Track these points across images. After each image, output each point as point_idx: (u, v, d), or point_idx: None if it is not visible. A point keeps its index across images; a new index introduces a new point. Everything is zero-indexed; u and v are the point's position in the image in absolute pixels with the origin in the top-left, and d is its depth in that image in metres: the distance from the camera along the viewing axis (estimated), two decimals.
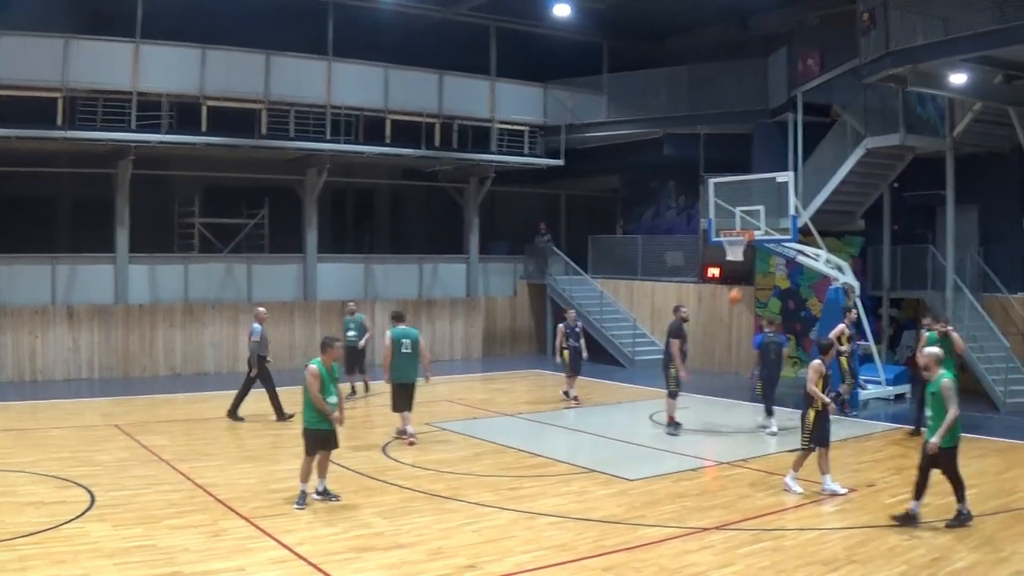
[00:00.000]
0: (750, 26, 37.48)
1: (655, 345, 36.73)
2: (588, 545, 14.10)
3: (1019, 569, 13.04)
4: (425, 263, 39.85)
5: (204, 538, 13.98)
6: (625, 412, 27.26)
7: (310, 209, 36.07)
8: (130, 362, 32.43)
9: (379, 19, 35.29)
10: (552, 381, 32.23)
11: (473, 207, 40.38)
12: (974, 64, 24.78)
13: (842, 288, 28.36)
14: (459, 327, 39.73)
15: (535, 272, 41.92)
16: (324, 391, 16.12)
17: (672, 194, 42.20)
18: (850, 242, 33.10)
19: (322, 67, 34.31)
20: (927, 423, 15.22)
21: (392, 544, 13.97)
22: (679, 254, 39.52)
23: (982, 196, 31.09)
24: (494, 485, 17.86)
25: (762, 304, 34.11)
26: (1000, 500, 16.91)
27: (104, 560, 12.87)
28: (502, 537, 14.45)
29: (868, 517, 15.53)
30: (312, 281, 36.27)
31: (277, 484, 17.27)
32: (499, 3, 36.07)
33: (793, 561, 13.45)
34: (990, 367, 27.96)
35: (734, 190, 30.13)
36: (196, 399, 27.91)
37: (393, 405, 22.11)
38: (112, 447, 20.69)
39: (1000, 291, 29.88)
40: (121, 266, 32.53)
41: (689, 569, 13.10)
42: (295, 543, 13.81)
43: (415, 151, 36.50)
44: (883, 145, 30.14)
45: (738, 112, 36.48)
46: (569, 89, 40.35)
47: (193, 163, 34.82)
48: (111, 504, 15.75)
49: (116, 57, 30.65)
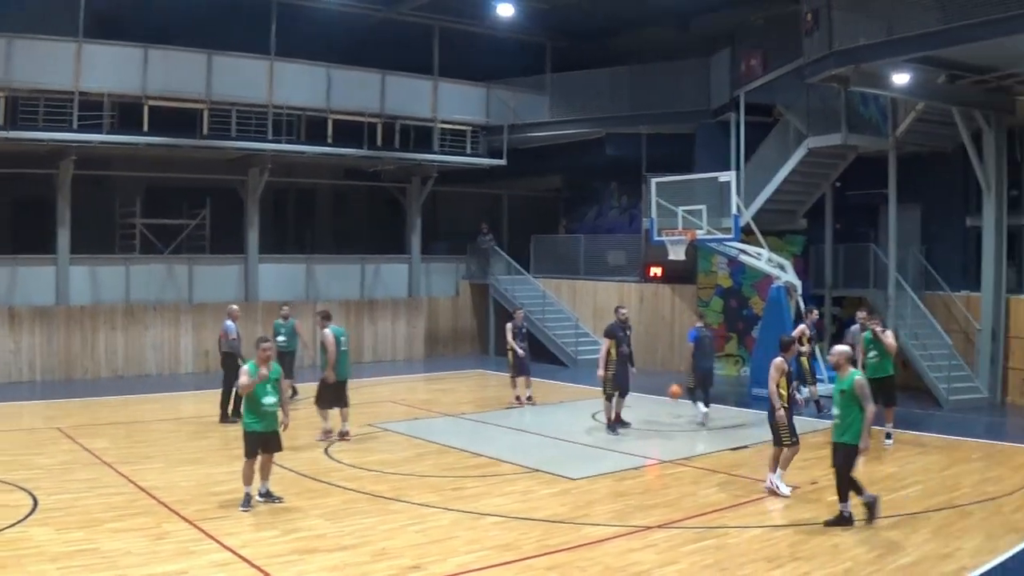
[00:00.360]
0: (693, 27, 37.50)
1: (598, 344, 36.67)
2: (532, 545, 14.08)
3: (964, 565, 13.11)
4: (367, 263, 39.78)
5: (147, 541, 13.85)
6: (567, 411, 27.23)
7: (252, 209, 35.94)
8: (72, 364, 32.17)
9: (322, 19, 35.12)
10: (495, 381, 32.27)
11: (415, 207, 40.31)
12: (917, 64, 24.95)
13: (784, 287, 28.50)
14: (401, 327, 39.66)
15: (477, 272, 41.88)
16: (258, 392, 15.97)
17: (614, 194, 42.28)
18: (792, 241, 33.27)
19: (264, 67, 34.15)
20: (834, 421, 15.23)
21: (336, 546, 13.90)
22: (621, 254, 39.59)
23: (924, 195, 31.33)
24: (437, 486, 17.80)
25: (704, 303, 34.23)
26: (944, 496, 17.01)
27: (47, 564, 12.74)
28: (446, 537, 14.39)
29: (811, 514, 15.56)
30: (253, 282, 36.12)
31: (219, 486, 17.16)
32: (442, 3, 36.03)
33: (737, 559, 13.48)
34: (933, 364, 28.18)
35: (676, 190, 30.26)
36: (138, 401, 27.75)
37: (329, 403, 22.13)
38: (54, 450, 20.52)
39: (942, 289, 30.10)
40: (62, 267, 32.28)
41: (633, 568, 13.08)
42: (238, 545, 13.72)
43: (357, 151, 36.39)
44: (825, 145, 30.36)
45: (680, 112, 36.59)
46: (512, 89, 40.37)
47: (134, 163, 34.55)
48: (54, 508, 15.60)
49: (58, 56, 30.34)
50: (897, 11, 23.72)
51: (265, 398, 16.04)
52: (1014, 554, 13.70)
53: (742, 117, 32.40)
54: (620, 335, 23.10)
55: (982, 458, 20.81)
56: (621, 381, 23.09)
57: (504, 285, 40.60)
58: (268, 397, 16.08)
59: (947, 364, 28.00)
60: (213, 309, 34.18)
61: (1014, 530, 14.83)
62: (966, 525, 15.15)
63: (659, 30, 38.50)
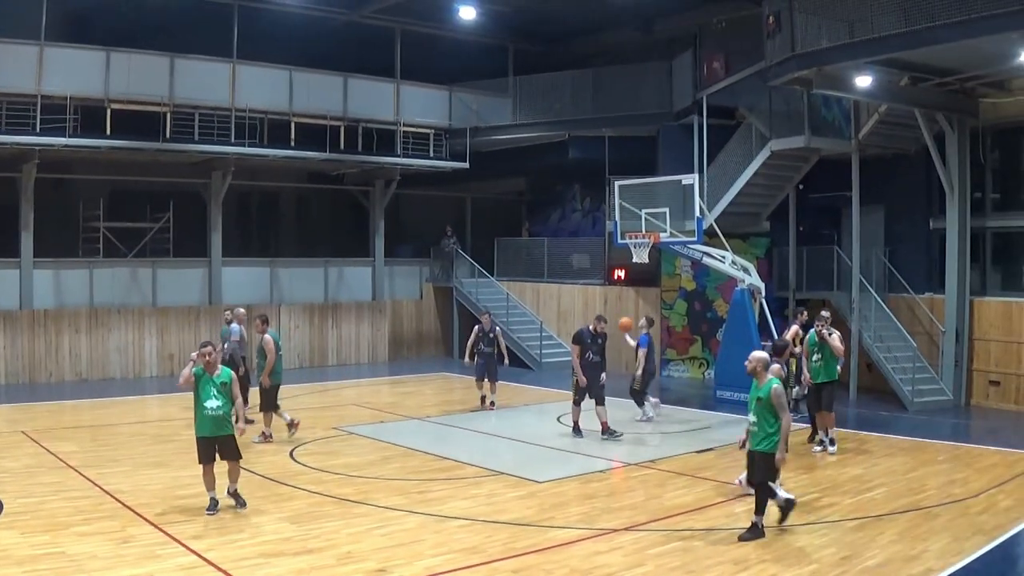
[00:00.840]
0: (655, 29, 37.65)
1: (562, 347, 36.88)
2: (498, 547, 14.08)
3: (930, 567, 13.16)
4: (331, 266, 39.74)
5: (113, 545, 13.79)
6: (532, 414, 27.27)
7: (215, 212, 35.83)
8: (36, 368, 32.00)
9: (284, 21, 35.02)
10: (460, 384, 32.27)
11: (379, 210, 40.27)
12: (879, 67, 25.10)
13: (748, 289, 28.59)
14: (365, 330, 39.57)
15: (441, 275, 41.88)
16: (203, 395, 15.88)
17: (577, 196, 42.27)
18: (756, 243, 33.38)
19: (227, 69, 34.05)
20: (751, 428, 15.12)
21: (302, 549, 13.87)
22: (585, 256, 39.66)
23: (888, 197, 31.44)
24: (403, 489, 17.78)
25: (668, 305, 34.32)
26: (909, 499, 17.10)
27: (13, 568, 12.68)
28: (412, 541, 14.37)
29: (778, 516, 15.59)
30: (217, 285, 36.01)
31: (184, 490, 17.04)
32: (404, 6, 35.97)
33: (703, 561, 13.51)
34: (897, 367, 28.34)
35: (639, 192, 30.37)
36: (102, 404, 27.64)
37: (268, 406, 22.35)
38: (19, 454, 20.39)
39: (906, 291, 30.22)
40: (26, 271, 32.12)
41: (600, 570, 13.10)
42: (204, 549, 13.66)
43: (320, 154, 36.27)
44: (788, 147, 30.49)
45: (643, 115, 36.67)
46: (474, 92, 40.35)
47: (98, 166, 34.31)
48: (19, 511, 15.51)
49: (20, 59, 30.14)
50: (859, 13, 23.82)
51: (208, 401, 15.87)
52: (980, 556, 13.78)
53: (705, 120, 32.44)
54: (587, 341, 23.01)
55: (948, 460, 21.01)
56: (590, 387, 23.03)
57: (468, 288, 40.65)
58: (211, 401, 15.88)
59: (911, 366, 28.16)
60: (177, 312, 34.13)
61: (980, 532, 14.91)
62: (932, 527, 15.24)
63: (622, 33, 38.63)
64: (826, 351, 21.57)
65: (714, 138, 32.59)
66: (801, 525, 15.13)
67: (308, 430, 23.24)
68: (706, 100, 32.54)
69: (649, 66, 37.39)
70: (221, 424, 15.96)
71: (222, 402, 15.95)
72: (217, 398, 15.89)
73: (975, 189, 28.90)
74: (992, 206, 29.84)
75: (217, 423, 15.92)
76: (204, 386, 15.92)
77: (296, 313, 37.56)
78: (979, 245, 29.37)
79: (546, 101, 39.39)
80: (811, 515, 15.83)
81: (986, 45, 22.54)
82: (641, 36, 38.25)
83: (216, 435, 15.89)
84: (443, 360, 40.02)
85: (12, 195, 32.14)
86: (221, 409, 15.93)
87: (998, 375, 28.34)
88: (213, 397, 15.87)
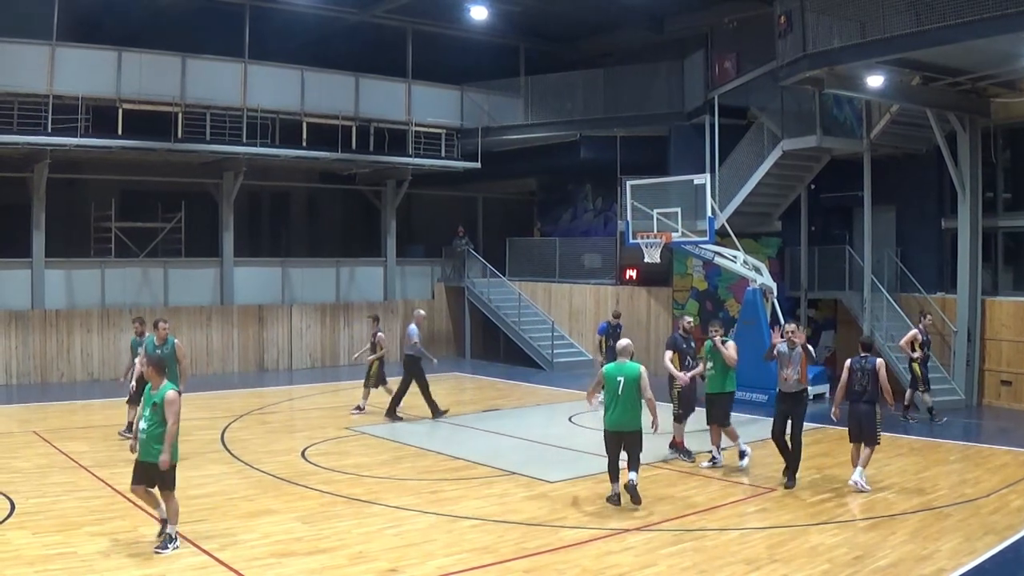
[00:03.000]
0: (666, 29, 37.60)
1: (574, 347, 36.97)
2: (510, 547, 14.09)
3: (942, 567, 13.14)
4: (342, 266, 39.75)
5: (124, 544, 13.81)
6: (544, 414, 27.32)
7: (226, 212, 35.86)
8: (47, 368, 32.07)
9: (296, 21, 35.13)
10: (471, 384, 32.36)
11: (390, 210, 40.26)
12: (891, 66, 25.02)
13: (760, 289, 28.54)
14: None
15: (453, 275, 41.85)
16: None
17: (589, 196, 42.21)
18: (767, 243, 33.29)
19: (238, 69, 34.10)
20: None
21: (313, 549, 13.89)
22: (597, 256, 39.59)
23: (899, 197, 31.36)
24: (415, 489, 17.80)
25: (680, 305, 34.26)
26: (922, 498, 17.07)
27: (25, 568, 12.71)
28: (424, 540, 14.38)
29: (789, 516, 15.63)
30: (229, 285, 36.06)
31: (196, 490, 17.05)
32: (416, 5, 35.94)
33: (715, 561, 13.50)
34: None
35: (651, 192, 30.33)
36: (114, 404, 27.48)
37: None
38: (31, 454, 20.43)
39: (918, 291, 30.10)
40: (37, 271, 32.17)
41: (611, 570, 13.10)
42: (215, 549, 13.69)
43: (331, 154, 36.30)
44: (800, 147, 30.40)
45: (655, 114, 36.62)
46: (486, 91, 40.32)
47: (109, 167, 34.37)
48: (31, 511, 15.55)
49: (32, 60, 30.21)
50: (870, 13, 23.77)
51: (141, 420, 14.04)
52: (992, 555, 13.75)
53: (716, 120, 32.45)
54: (683, 347, 21.11)
55: (959, 460, 20.96)
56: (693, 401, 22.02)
57: (480, 288, 40.64)
58: (141, 422, 13.98)
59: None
60: (188, 312, 34.16)
61: (992, 531, 14.89)
62: (944, 527, 15.22)
63: (633, 32, 38.58)
64: (718, 361, 20.20)
65: (726, 138, 32.54)
66: (813, 525, 15.11)
67: (319, 430, 23.34)
68: (717, 100, 32.52)
69: (661, 66, 37.33)
70: (146, 448, 13.84)
71: (147, 424, 13.87)
72: (145, 419, 13.92)
73: (987, 189, 28.84)
74: (1004, 206, 29.74)
75: (143, 446, 13.90)
76: (145, 401, 14.16)
77: (307, 313, 37.54)
78: (991, 245, 29.31)
79: (558, 101, 39.34)
80: (823, 515, 15.80)
81: (997, 45, 22.50)
82: (653, 36, 38.20)
83: (143, 460, 13.91)
84: (454, 360, 39.90)
85: (24, 195, 32.16)
86: (144, 432, 13.86)
87: (1010, 375, 28.26)
88: (143, 417, 13.99)
